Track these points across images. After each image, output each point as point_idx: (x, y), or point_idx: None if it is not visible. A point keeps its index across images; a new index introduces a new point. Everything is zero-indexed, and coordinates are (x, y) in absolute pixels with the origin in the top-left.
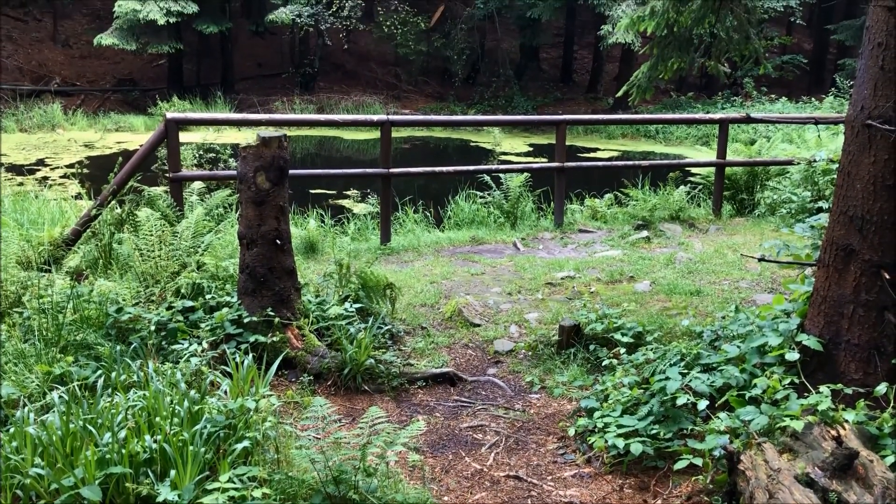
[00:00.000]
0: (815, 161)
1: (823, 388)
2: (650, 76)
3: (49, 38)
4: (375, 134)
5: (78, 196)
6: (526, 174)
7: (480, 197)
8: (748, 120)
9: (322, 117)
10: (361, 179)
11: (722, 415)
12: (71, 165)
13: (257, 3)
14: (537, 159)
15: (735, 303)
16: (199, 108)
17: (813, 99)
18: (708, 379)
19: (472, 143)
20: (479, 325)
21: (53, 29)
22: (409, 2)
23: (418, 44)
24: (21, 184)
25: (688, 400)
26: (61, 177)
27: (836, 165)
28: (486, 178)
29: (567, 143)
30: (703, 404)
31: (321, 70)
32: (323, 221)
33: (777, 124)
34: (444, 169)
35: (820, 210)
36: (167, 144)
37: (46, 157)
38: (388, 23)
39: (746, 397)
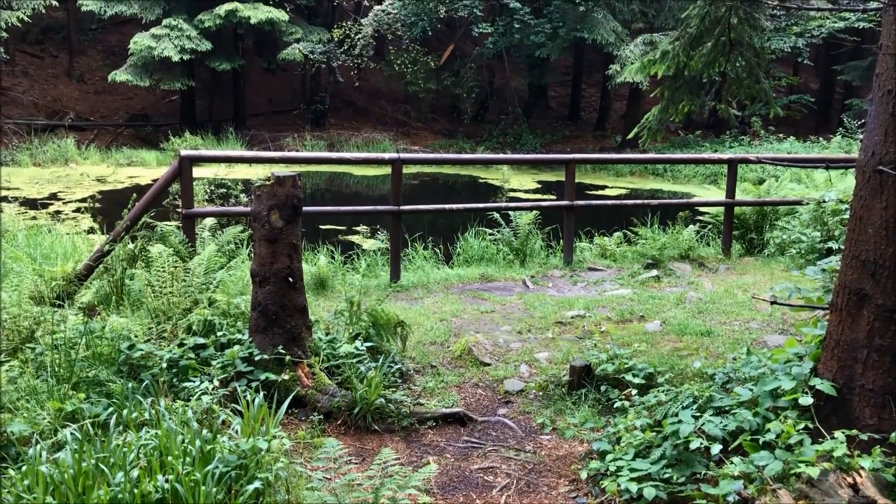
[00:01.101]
0: (824, 201)
1: (838, 434)
2: (661, 118)
3: (64, 73)
4: (385, 170)
5: (90, 230)
6: (535, 212)
7: (489, 234)
8: (759, 161)
9: (334, 155)
10: (372, 216)
11: (735, 459)
12: (83, 200)
13: (270, 41)
14: (546, 196)
15: (746, 344)
16: (210, 144)
17: (821, 138)
18: (721, 422)
19: (480, 180)
20: (489, 365)
21: (69, 65)
22: (420, 41)
23: (428, 82)
24: (34, 218)
25: (701, 444)
26: (74, 211)
27: (846, 206)
28: (496, 214)
29: (575, 181)
30: (716, 448)
31: (332, 107)
32: (333, 258)
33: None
34: (455, 206)
35: (830, 251)
36: (180, 181)
37: (59, 192)
38: (398, 61)
39: (760, 442)
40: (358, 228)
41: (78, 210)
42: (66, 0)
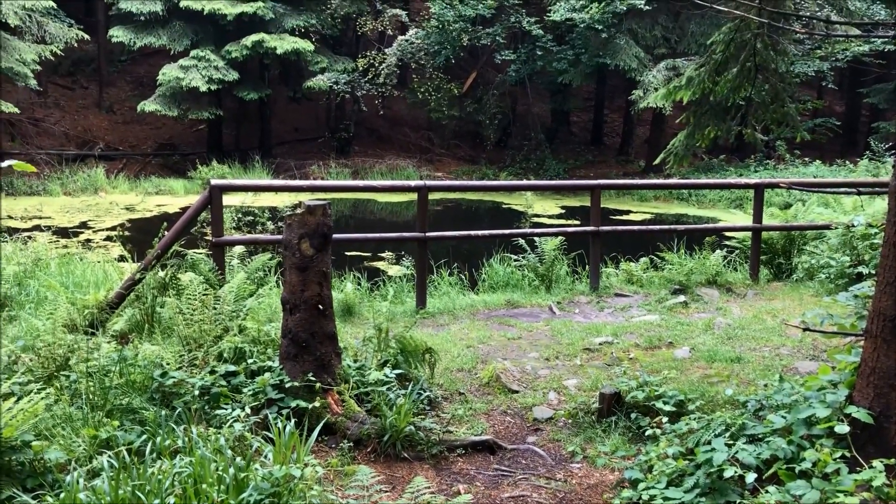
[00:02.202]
0: (853, 226)
1: (877, 463)
2: (687, 144)
3: (94, 104)
4: (408, 196)
5: (121, 258)
6: (560, 237)
7: (515, 260)
8: (789, 186)
9: (361, 183)
10: (396, 242)
11: (771, 488)
12: (113, 228)
13: (295, 71)
14: (569, 221)
15: (777, 370)
16: (237, 172)
17: (847, 162)
18: (754, 450)
19: (503, 205)
20: (517, 392)
21: (99, 96)
22: (443, 69)
23: (451, 109)
24: (66, 246)
25: (735, 472)
26: (104, 239)
27: (875, 230)
28: (521, 240)
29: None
30: (750, 477)
31: (356, 134)
32: (359, 284)
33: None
34: (480, 233)
35: (860, 276)
36: (210, 210)
37: (89, 220)
38: (421, 89)
39: (796, 471)
40: (383, 255)
41: (108, 238)
42: (96, 33)
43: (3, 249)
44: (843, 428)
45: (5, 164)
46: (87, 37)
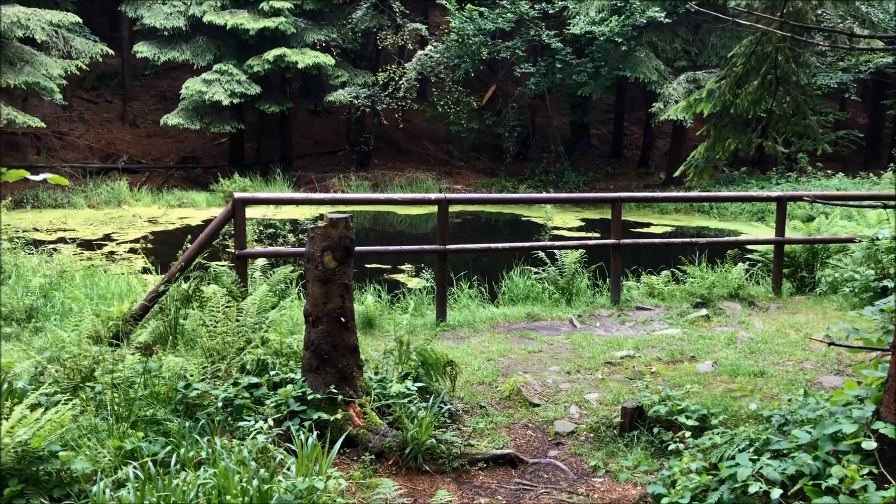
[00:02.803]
0: (877, 239)
1: None
2: (707, 157)
3: (118, 118)
4: (427, 209)
5: (145, 270)
6: (581, 250)
7: (535, 272)
8: (813, 200)
9: (382, 196)
10: (417, 254)
11: None
12: (136, 240)
13: (316, 85)
14: (590, 234)
15: (801, 385)
16: (258, 185)
17: (871, 174)
18: (779, 466)
19: (523, 218)
20: (538, 405)
21: (122, 110)
22: (462, 82)
23: (470, 121)
24: (90, 258)
25: (759, 488)
26: (127, 251)
27: None
28: (541, 253)
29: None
30: (775, 493)
31: (376, 147)
32: (380, 296)
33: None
34: (500, 245)
35: (885, 290)
36: (233, 223)
37: (113, 232)
38: (441, 102)
39: (822, 487)
40: (402, 267)
41: (132, 251)
42: (121, 48)
43: (29, 262)
44: (870, 444)
45: (40, 177)
46: (111, 52)
